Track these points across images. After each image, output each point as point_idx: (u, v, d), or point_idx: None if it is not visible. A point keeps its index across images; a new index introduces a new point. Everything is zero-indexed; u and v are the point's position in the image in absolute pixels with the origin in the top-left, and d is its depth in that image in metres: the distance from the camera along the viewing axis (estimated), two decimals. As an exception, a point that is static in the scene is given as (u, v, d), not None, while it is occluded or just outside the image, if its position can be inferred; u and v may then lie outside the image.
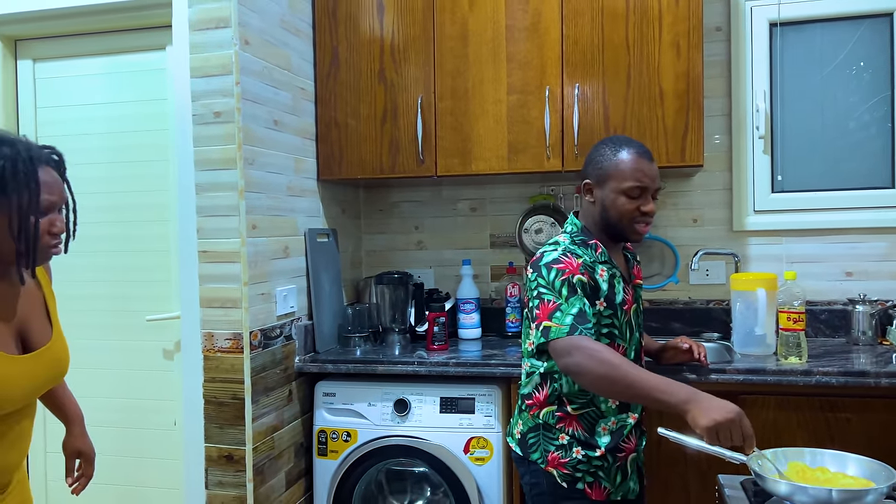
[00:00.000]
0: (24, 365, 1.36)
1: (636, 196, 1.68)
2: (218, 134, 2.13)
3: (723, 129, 2.70)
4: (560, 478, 1.69)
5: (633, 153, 1.69)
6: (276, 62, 2.34)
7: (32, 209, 1.28)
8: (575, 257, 1.65)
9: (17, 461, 1.43)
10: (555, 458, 1.69)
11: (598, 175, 1.72)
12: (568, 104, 2.42)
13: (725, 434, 1.36)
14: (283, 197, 2.37)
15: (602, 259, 1.71)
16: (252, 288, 2.15)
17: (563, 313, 1.58)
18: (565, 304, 1.59)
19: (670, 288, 2.75)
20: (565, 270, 1.62)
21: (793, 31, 2.64)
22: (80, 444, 1.68)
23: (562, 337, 1.55)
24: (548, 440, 1.71)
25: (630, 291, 1.78)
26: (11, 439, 1.39)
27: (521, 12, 2.45)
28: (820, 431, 2.05)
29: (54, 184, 1.34)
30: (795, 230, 2.64)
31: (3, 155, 1.26)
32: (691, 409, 1.40)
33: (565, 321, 1.57)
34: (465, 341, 2.68)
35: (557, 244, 1.71)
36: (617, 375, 1.48)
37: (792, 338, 2.14)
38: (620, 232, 1.72)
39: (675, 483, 2.16)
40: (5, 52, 2.54)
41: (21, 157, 1.27)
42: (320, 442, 2.36)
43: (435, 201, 2.99)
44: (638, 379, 1.47)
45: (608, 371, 1.49)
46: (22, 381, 1.35)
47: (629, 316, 1.76)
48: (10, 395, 1.32)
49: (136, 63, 2.49)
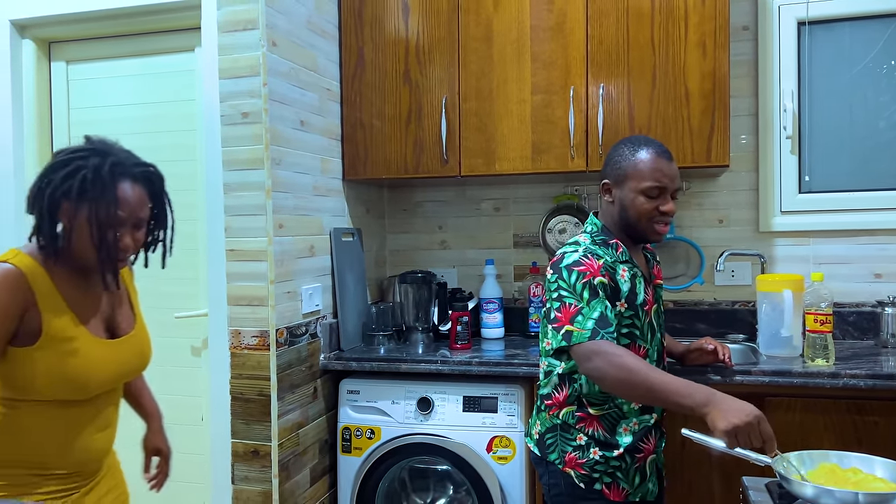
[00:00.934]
0: (112, 349, 1.44)
1: (655, 196, 1.68)
2: (246, 134, 2.16)
3: (750, 129, 2.67)
4: (577, 478, 1.69)
5: (652, 153, 1.68)
6: (302, 63, 2.36)
7: (109, 221, 1.34)
8: (596, 258, 1.65)
9: (105, 447, 1.50)
10: (572, 458, 1.69)
11: (617, 175, 1.72)
12: (592, 104, 2.42)
13: (745, 438, 1.35)
14: (309, 196, 2.40)
15: (623, 259, 1.71)
16: (278, 286, 2.18)
17: (585, 317, 1.58)
18: (587, 308, 1.59)
19: (695, 289, 2.73)
20: (586, 273, 1.62)
21: (821, 30, 2.61)
22: (158, 440, 1.73)
23: (583, 342, 1.55)
24: (565, 441, 1.71)
25: (651, 292, 1.77)
26: (98, 425, 1.46)
27: (545, 12, 2.45)
28: (847, 434, 2.02)
29: (134, 201, 1.38)
30: (823, 231, 2.61)
31: (89, 164, 1.33)
32: (710, 413, 1.40)
33: (587, 325, 1.57)
34: (487, 341, 2.68)
35: (577, 244, 1.70)
36: (636, 380, 1.48)
37: (819, 340, 2.12)
38: (640, 232, 1.72)
39: (698, 485, 2.14)
40: (39, 54, 2.60)
41: (104, 169, 1.34)
42: (344, 439, 2.39)
43: (459, 201, 3.00)
44: (657, 382, 1.47)
45: (628, 376, 1.49)
46: (109, 364, 1.43)
47: (650, 317, 1.75)
48: (98, 376, 1.40)
49: (166, 64, 2.53)
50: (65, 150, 1.38)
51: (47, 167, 1.36)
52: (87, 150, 1.36)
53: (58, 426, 1.39)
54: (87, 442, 1.43)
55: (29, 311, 1.32)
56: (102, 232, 1.34)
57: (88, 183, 1.32)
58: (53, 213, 1.34)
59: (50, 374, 1.33)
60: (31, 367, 1.32)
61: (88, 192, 1.32)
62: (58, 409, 1.38)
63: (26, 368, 1.32)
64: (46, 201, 1.33)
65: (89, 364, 1.38)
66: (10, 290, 1.30)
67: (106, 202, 1.33)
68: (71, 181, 1.32)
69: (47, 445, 1.38)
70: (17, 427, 1.35)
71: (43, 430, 1.37)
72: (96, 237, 1.34)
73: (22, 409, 1.35)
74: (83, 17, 2.46)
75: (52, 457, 1.39)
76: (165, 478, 1.74)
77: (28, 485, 1.37)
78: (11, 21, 2.50)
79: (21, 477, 1.36)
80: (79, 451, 1.42)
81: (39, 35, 2.57)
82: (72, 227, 1.34)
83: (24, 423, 1.36)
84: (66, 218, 1.34)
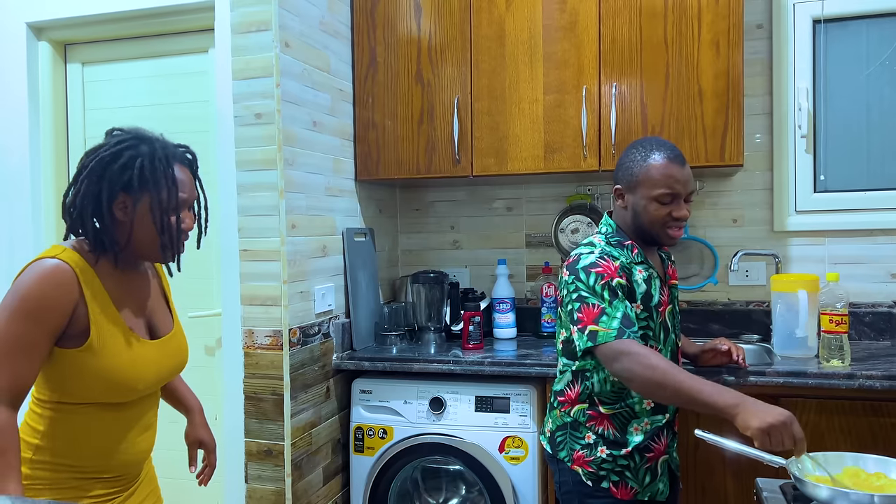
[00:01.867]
0: (155, 350, 1.42)
1: (668, 202, 1.67)
2: (259, 135, 2.17)
3: (764, 128, 2.65)
4: (585, 476, 1.69)
5: (664, 158, 1.66)
6: (315, 64, 2.37)
7: (171, 205, 1.34)
8: (612, 259, 1.64)
9: (147, 448, 1.48)
10: (580, 456, 1.70)
11: (629, 181, 1.71)
12: (605, 103, 2.41)
13: (777, 437, 1.35)
14: (321, 197, 2.41)
15: (638, 260, 1.70)
16: (291, 286, 2.19)
17: (610, 317, 1.57)
18: (610, 308, 1.58)
19: (709, 289, 2.72)
20: (604, 274, 1.61)
21: (837, 28, 2.59)
22: (201, 433, 1.70)
23: (610, 341, 1.55)
24: (574, 439, 1.72)
25: (666, 292, 1.77)
26: (142, 426, 1.45)
27: (558, 12, 2.45)
28: (864, 436, 2.01)
29: (187, 181, 1.40)
30: (839, 231, 2.58)
31: (142, 153, 1.33)
32: (741, 413, 1.40)
33: (612, 325, 1.56)
34: (500, 341, 2.68)
35: (593, 245, 1.70)
36: (665, 380, 1.48)
37: (834, 340, 2.10)
38: (653, 237, 1.71)
39: (712, 486, 2.13)
40: (55, 56, 2.62)
41: (158, 154, 1.34)
42: (357, 438, 2.39)
43: (471, 201, 3.00)
44: (686, 383, 1.46)
45: (656, 376, 1.48)
46: (154, 365, 1.41)
47: (664, 317, 1.74)
48: (146, 377, 1.38)
49: (180, 66, 2.55)
50: (104, 145, 1.35)
51: (94, 164, 1.32)
52: (130, 139, 1.35)
53: (104, 428, 1.37)
54: (131, 444, 1.42)
55: (78, 309, 1.29)
56: (167, 217, 1.34)
57: (147, 170, 1.32)
58: (109, 209, 1.32)
59: (99, 376, 1.31)
60: (79, 369, 1.30)
61: (149, 180, 1.32)
62: (104, 411, 1.36)
63: (75, 370, 1.30)
64: (105, 196, 1.31)
65: (136, 365, 1.36)
66: (62, 286, 1.27)
67: (167, 187, 1.33)
68: (130, 171, 1.31)
69: (94, 448, 1.37)
70: (64, 430, 1.34)
71: (90, 433, 1.36)
72: (160, 223, 1.33)
73: (69, 412, 1.34)
74: (98, 19, 2.48)
75: (99, 459, 1.38)
76: (212, 470, 1.71)
77: (76, 488, 1.36)
78: (28, 24, 2.53)
79: (69, 480, 1.35)
80: (123, 454, 1.41)
81: (55, 37, 2.60)
82: (132, 219, 1.33)
83: (71, 426, 1.34)
84: (123, 210, 1.33)
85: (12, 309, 1.25)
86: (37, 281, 1.25)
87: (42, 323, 1.25)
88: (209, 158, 2.50)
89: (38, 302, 1.25)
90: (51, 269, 1.27)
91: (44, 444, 1.33)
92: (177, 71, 2.56)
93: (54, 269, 1.27)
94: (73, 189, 1.34)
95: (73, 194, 1.33)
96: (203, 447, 1.70)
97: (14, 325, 1.24)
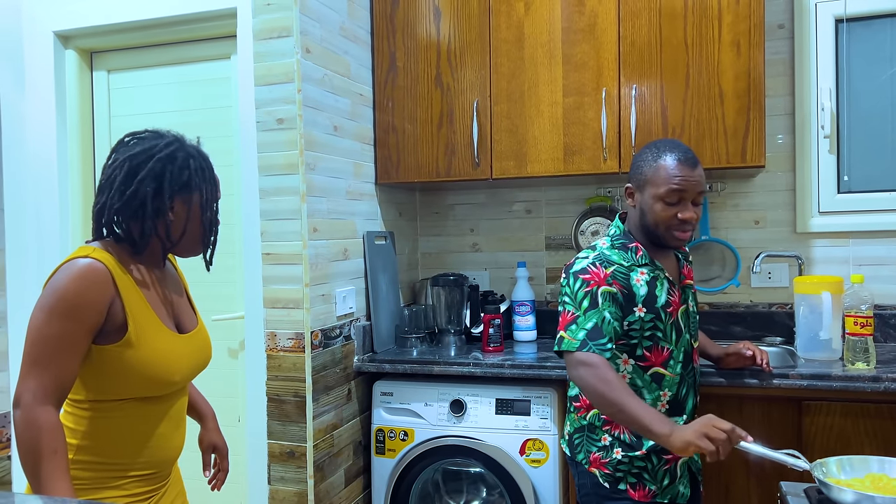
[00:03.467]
0: (185, 343, 1.46)
1: (674, 203, 1.66)
2: (281, 140, 2.19)
3: (786, 128, 2.63)
4: (602, 478, 1.71)
5: (674, 159, 1.66)
6: (335, 69, 2.39)
7: (215, 201, 1.44)
8: (604, 266, 1.66)
9: (180, 444, 1.52)
10: (596, 458, 1.72)
11: (639, 180, 1.72)
12: (625, 105, 2.41)
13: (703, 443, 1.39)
14: (342, 201, 2.43)
15: (642, 262, 1.70)
16: (313, 289, 2.21)
17: (578, 327, 1.62)
18: (582, 318, 1.62)
19: (731, 291, 2.70)
20: (590, 281, 1.64)
21: (860, 27, 2.56)
22: (214, 438, 1.72)
23: (572, 350, 1.61)
24: (591, 441, 1.73)
25: (677, 293, 1.75)
26: (174, 421, 1.48)
27: (577, 14, 2.45)
28: (890, 439, 1.98)
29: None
30: (863, 231, 2.55)
31: (190, 153, 1.40)
32: (670, 439, 1.44)
33: (578, 336, 1.61)
34: (520, 343, 2.69)
35: (593, 250, 1.73)
36: (612, 397, 1.53)
37: (859, 343, 2.08)
38: (659, 238, 1.71)
39: (735, 489, 2.12)
40: (82, 63, 2.67)
41: (203, 154, 1.43)
42: (378, 440, 2.41)
43: (490, 203, 3.01)
44: (629, 405, 1.51)
45: (605, 391, 1.54)
46: (186, 359, 1.45)
47: (676, 317, 1.73)
48: (179, 368, 1.42)
49: (203, 72, 2.58)
50: (149, 149, 1.37)
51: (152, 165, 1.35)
52: (174, 140, 1.41)
53: (142, 423, 1.40)
54: (167, 439, 1.45)
55: (114, 306, 1.32)
56: (213, 212, 1.42)
57: (199, 169, 1.39)
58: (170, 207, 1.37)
59: (137, 370, 1.34)
60: (119, 364, 1.33)
61: (203, 178, 1.40)
62: (142, 405, 1.39)
63: (115, 366, 1.33)
64: (167, 195, 1.36)
65: (170, 358, 1.40)
66: (98, 284, 1.29)
67: (213, 183, 1.43)
68: (187, 171, 1.38)
69: (134, 444, 1.39)
70: (104, 428, 1.36)
71: (129, 429, 1.38)
72: (207, 219, 1.41)
73: (107, 409, 1.36)
74: (123, 27, 2.53)
75: (138, 455, 1.40)
76: (225, 475, 1.73)
77: (116, 487, 1.38)
78: (55, 32, 2.58)
79: (109, 480, 1.37)
80: (160, 449, 1.44)
81: (82, 46, 2.65)
82: (187, 217, 1.40)
83: (111, 423, 1.37)
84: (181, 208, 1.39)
85: (51, 309, 1.27)
86: (73, 280, 1.28)
87: (81, 321, 1.27)
88: (232, 163, 2.53)
89: (75, 300, 1.27)
90: (86, 268, 1.29)
91: (85, 444, 1.36)
92: (200, 77, 2.59)
93: (89, 268, 1.29)
94: (128, 190, 1.35)
95: (131, 195, 1.35)
96: (216, 452, 1.72)
97: (54, 325, 1.26)
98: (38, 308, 1.28)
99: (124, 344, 1.33)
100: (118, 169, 1.36)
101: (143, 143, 1.39)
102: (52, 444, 1.24)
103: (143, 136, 1.41)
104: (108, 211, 1.36)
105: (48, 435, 1.24)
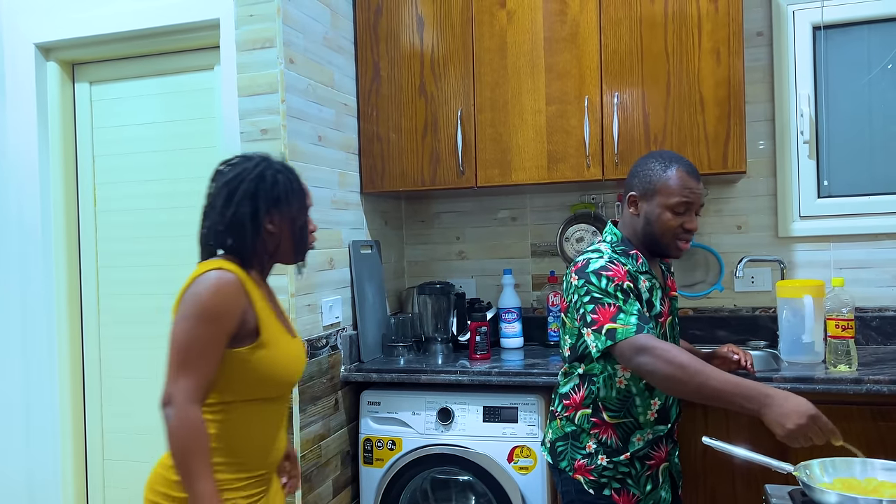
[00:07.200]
0: (297, 346, 1.58)
1: (681, 212, 1.69)
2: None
3: (766, 134, 2.67)
4: (587, 484, 1.71)
5: (683, 171, 1.70)
6: (319, 79, 2.40)
7: (307, 212, 1.56)
8: (621, 265, 1.67)
9: (285, 446, 1.60)
10: (581, 465, 1.72)
11: (645, 189, 1.73)
12: (607, 113, 2.43)
13: (804, 438, 1.38)
14: (327, 210, 2.43)
15: (643, 269, 1.72)
16: (299, 299, 2.21)
17: (627, 314, 1.59)
18: (626, 306, 1.60)
19: (715, 296, 2.72)
20: (615, 277, 1.63)
21: (837, 34, 2.60)
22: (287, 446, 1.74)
23: (630, 337, 1.56)
24: (575, 448, 1.73)
25: (666, 303, 1.78)
26: (284, 423, 1.57)
27: (559, 23, 2.47)
28: (872, 441, 2.00)
29: None
30: (843, 235, 2.59)
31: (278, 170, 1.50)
32: (766, 416, 1.41)
33: (630, 321, 1.58)
34: (507, 350, 2.69)
35: (600, 252, 1.71)
36: (686, 376, 1.48)
37: (841, 345, 2.10)
38: (661, 247, 1.73)
39: (721, 493, 2.13)
40: (64, 75, 2.66)
41: (290, 169, 1.54)
42: (366, 450, 2.40)
43: (475, 211, 3.02)
44: (710, 380, 1.46)
45: (677, 372, 1.49)
46: (299, 361, 1.57)
47: (665, 328, 1.76)
48: (298, 368, 1.56)
49: (186, 83, 2.58)
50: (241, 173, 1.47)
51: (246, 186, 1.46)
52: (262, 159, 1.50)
53: (264, 424, 1.49)
54: (280, 440, 1.55)
55: (247, 312, 1.43)
56: (305, 224, 1.53)
57: (289, 185, 1.49)
58: (266, 222, 1.47)
59: (267, 370, 1.44)
60: (251, 366, 1.42)
61: (293, 193, 1.50)
62: (265, 406, 1.48)
63: (247, 368, 1.42)
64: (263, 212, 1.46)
65: (291, 359, 1.51)
66: (233, 293, 1.41)
67: (303, 195, 1.53)
68: (278, 188, 1.48)
69: (257, 445, 1.48)
70: (234, 430, 1.44)
71: (254, 430, 1.47)
72: (299, 230, 1.51)
73: (235, 411, 1.44)
74: (106, 38, 2.52)
75: (260, 456, 1.48)
76: (298, 481, 1.76)
77: (237, 489, 1.44)
78: (36, 44, 2.57)
79: (236, 481, 1.44)
80: (275, 450, 1.53)
81: (63, 57, 2.64)
82: (282, 230, 1.49)
83: (238, 424, 1.44)
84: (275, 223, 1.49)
85: (194, 316, 1.38)
86: (212, 289, 1.39)
87: (221, 326, 1.39)
88: (216, 174, 2.52)
89: (216, 307, 1.38)
90: (221, 278, 1.41)
91: (217, 446, 1.42)
92: (183, 88, 2.59)
93: (223, 278, 1.41)
94: (227, 212, 1.46)
95: (231, 216, 1.46)
96: (288, 459, 1.75)
97: (198, 330, 1.37)
98: (181, 317, 1.39)
99: (258, 346, 1.44)
100: (217, 196, 1.49)
101: (235, 169, 1.50)
102: (203, 441, 1.36)
103: (234, 161, 1.52)
104: (215, 234, 1.48)
105: (201, 432, 1.36)
